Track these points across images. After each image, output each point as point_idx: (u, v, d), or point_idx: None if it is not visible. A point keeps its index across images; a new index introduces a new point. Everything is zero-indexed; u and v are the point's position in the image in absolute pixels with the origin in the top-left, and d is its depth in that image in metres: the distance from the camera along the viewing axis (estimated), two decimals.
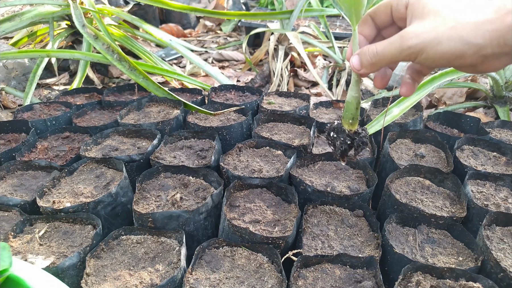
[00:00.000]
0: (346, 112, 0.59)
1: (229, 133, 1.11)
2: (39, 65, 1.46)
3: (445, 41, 0.46)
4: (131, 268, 0.69)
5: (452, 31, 0.46)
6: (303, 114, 1.24)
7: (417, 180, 0.93)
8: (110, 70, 1.84)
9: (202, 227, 0.82)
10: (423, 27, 0.48)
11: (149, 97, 1.28)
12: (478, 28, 0.45)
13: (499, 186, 0.90)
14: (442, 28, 0.47)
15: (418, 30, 0.48)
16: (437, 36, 0.47)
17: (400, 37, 0.50)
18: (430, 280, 0.66)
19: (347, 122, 0.60)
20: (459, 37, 0.45)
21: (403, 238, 0.77)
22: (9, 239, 0.73)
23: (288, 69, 1.80)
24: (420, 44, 0.48)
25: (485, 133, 1.10)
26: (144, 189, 0.87)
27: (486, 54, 0.46)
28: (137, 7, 2.43)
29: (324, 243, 0.76)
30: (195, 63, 1.65)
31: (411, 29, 0.49)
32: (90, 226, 0.78)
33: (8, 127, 1.13)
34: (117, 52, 1.27)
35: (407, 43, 0.49)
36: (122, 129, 1.09)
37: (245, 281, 0.67)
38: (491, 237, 0.74)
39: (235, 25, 2.69)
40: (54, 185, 0.87)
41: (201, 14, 1.69)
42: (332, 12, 1.89)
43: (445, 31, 0.46)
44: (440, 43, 0.47)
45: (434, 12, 0.48)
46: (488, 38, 0.44)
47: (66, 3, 1.63)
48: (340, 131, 0.62)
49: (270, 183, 0.88)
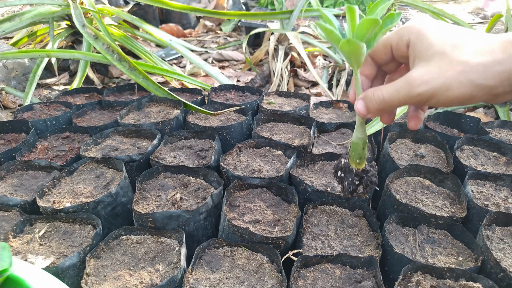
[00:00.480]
0: (353, 152, 0.59)
1: (229, 133, 1.11)
2: (39, 65, 1.46)
3: (455, 86, 0.45)
4: (131, 268, 0.69)
5: (462, 75, 0.44)
6: (303, 114, 1.24)
7: (417, 180, 0.93)
8: (110, 70, 1.84)
9: (202, 227, 0.82)
10: (430, 72, 0.46)
11: (149, 97, 1.28)
12: (488, 70, 0.44)
13: (499, 186, 0.90)
14: (450, 73, 0.45)
15: (425, 76, 0.46)
16: (446, 82, 0.45)
17: (407, 84, 0.47)
18: (430, 280, 0.66)
19: (354, 161, 0.59)
20: (470, 81, 0.44)
21: (403, 238, 0.77)
22: (9, 239, 0.73)
23: (288, 69, 1.80)
24: (429, 91, 0.46)
25: (485, 133, 1.10)
26: (144, 189, 0.87)
27: (497, 93, 0.45)
28: (137, 7, 2.43)
29: (324, 243, 0.76)
30: (195, 63, 1.65)
31: (418, 74, 0.47)
32: (90, 226, 0.78)
33: (8, 127, 1.13)
34: (117, 52, 1.27)
35: (415, 90, 0.47)
36: (122, 129, 1.09)
37: (245, 281, 0.67)
38: (491, 237, 0.74)
39: (235, 25, 2.69)
40: (54, 185, 0.87)
41: (201, 14, 1.69)
42: (332, 12, 1.89)
43: (454, 76, 0.45)
44: (450, 88, 0.45)
45: (439, 54, 0.46)
46: (499, 79, 0.44)
47: (66, 3, 1.63)
48: (348, 171, 0.60)
49: (270, 183, 0.88)
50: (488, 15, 2.81)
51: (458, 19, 1.76)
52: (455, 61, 0.45)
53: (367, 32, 0.46)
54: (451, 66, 0.45)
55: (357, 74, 0.52)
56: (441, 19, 1.75)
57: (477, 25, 2.51)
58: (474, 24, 2.59)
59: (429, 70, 0.46)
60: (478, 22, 2.65)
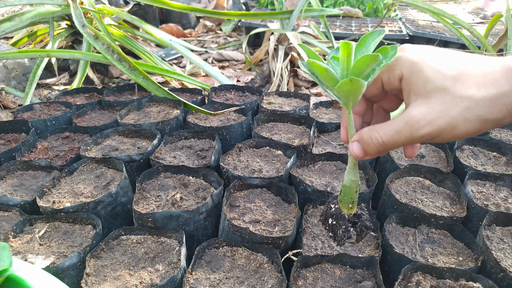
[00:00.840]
0: (345, 197, 0.53)
1: (229, 133, 1.11)
2: (39, 65, 1.46)
3: (462, 124, 0.42)
4: (131, 268, 0.69)
5: (468, 112, 0.42)
6: (303, 114, 1.24)
7: (417, 180, 0.93)
8: (110, 70, 1.84)
9: (202, 227, 0.82)
10: (433, 111, 0.43)
11: (149, 97, 1.28)
12: (494, 104, 0.41)
13: (499, 186, 0.90)
14: (455, 111, 0.42)
15: (428, 116, 0.43)
16: (452, 121, 0.42)
17: (408, 126, 0.44)
18: (430, 280, 0.66)
19: (346, 206, 0.54)
20: (476, 118, 0.42)
21: (403, 238, 0.77)
22: (9, 239, 0.73)
23: (288, 69, 1.80)
24: (434, 132, 0.43)
25: (485, 133, 1.10)
26: (144, 189, 0.87)
27: (504, 123, 0.43)
28: (137, 7, 2.43)
29: (324, 243, 0.76)
30: (195, 63, 1.65)
31: (419, 113, 0.43)
32: (90, 226, 0.77)
33: (8, 127, 1.13)
34: (117, 52, 1.27)
35: (418, 132, 0.43)
36: (122, 129, 1.09)
37: (245, 281, 0.67)
38: (491, 237, 0.74)
39: (235, 25, 2.69)
40: (54, 185, 0.87)
41: (201, 14, 1.69)
42: (332, 12, 1.89)
43: (460, 113, 0.42)
44: (456, 127, 0.42)
45: (440, 90, 0.43)
46: (506, 111, 0.41)
47: (66, 3, 1.63)
48: (340, 217, 0.55)
49: (270, 183, 0.88)
50: (488, 15, 2.81)
51: (458, 19, 1.76)
52: (459, 97, 0.42)
53: (366, 68, 0.42)
54: (455, 103, 0.42)
55: (350, 114, 0.47)
56: (441, 19, 1.75)
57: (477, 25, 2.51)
58: (474, 24, 2.59)
59: (432, 109, 0.43)
60: (478, 22, 2.65)
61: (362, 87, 0.42)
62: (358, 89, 0.42)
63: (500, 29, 2.23)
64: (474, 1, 3.52)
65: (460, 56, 0.44)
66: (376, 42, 0.44)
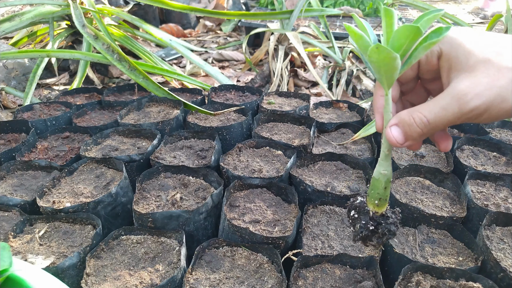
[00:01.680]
0: (372, 191, 0.49)
1: (229, 133, 1.11)
2: (39, 65, 1.46)
3: (511, 96, 0.40)
4: (131, 268, 0.69)
5: None
6: (303, 114, 1.24)
7: (417, 180, 0.93)
8: (110, 70, 1.84)
9: (202, 227, 0.82)
10: (479, 82, 0.41)
11: (149, 97, 1.28)
12: None
13: (499, 186, 0.90)
14: (503, 81, 0.40)
15: (476, 88, 0.41)
16: (500, 92, 0.40)
17: (455, 100, 0.41)
18: (430, 280, 0.66)
19: (373, 202, 0.49)
20: None
21: (403, 238, 0.77)
22: (9, 239, 0.73)
23: (288, 69, 1.80)
24: (483, 105, 0.41)
25: (485, 133, 1.10)
26: (144, 189, 0.87)
27: None
28: (137, 7, 2.43)
29: (324, 243, 0.76)
30: (195, 63, 1.65)
31: (465, 87, 0.41)
32: (90, 226, 0.77)
33: (8, 127, 1.13)
34: (117, 52, 1.27)
35: (467, 106, 0.41)
36: (122, 129, 1.09)
37: (245, 281, 0.67)
38: (491, 237, 0.74)
39: (235, 25, 2.69)
40: (54, 185, 0.87)
41: (201, 14, 1.69)
42: (332, 12, 1.89)
43: (509, 84, 0.40)
44: (505, 99, 0.40)
45: (484, 62, 0.41)
46: None
47: (66, 3, 1.63)
48: (363, 212, 0.50)
49: (270, 183, 0.88)
50: (488, 15, 2.81)
51: (458, 19, 1.76)
52: (505, 68, 0.40)
53: (405, 42, 0.39)
54: (502, 73, 0.40)
55: (388, 95, 0.43)
56: (441, 19, 1.75)
57: (477, 25, 2.51)
58: (474, 24, 2.59)
59: (478, 81, 0.41)
60: (478, 22, 2.65)
61: (393, 59, 0.38)
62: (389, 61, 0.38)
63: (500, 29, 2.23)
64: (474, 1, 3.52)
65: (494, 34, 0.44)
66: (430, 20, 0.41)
